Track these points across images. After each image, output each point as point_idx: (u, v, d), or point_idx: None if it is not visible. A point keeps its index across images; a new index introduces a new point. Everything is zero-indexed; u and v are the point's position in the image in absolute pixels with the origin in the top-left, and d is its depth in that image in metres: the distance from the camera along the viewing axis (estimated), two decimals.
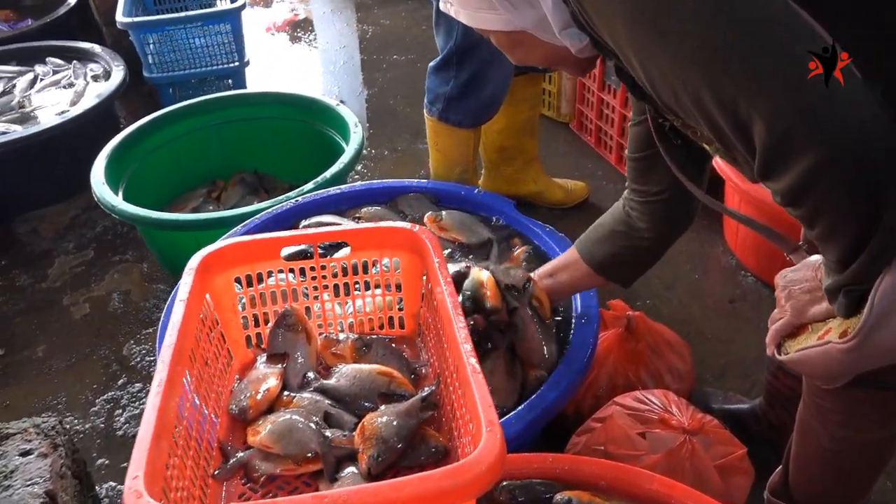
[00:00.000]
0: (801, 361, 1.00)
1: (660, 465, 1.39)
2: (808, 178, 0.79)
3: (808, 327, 1.02)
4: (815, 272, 1.04)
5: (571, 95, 2.99)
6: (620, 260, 1.44)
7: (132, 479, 0.93)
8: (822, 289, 0.98)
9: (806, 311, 1.02)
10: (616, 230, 1.41)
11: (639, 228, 1.38)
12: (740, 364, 1.96)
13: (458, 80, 2.10)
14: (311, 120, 2.59)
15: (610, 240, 1.43)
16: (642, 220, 1.36)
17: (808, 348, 0.98)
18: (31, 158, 2.74)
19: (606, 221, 1.44)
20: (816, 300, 1.01)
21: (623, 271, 1.49)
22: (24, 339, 2.31)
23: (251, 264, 1.45)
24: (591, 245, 1.46)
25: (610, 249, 1.44)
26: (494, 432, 0.98)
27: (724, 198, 2.34)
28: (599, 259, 1.45)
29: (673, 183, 1.26)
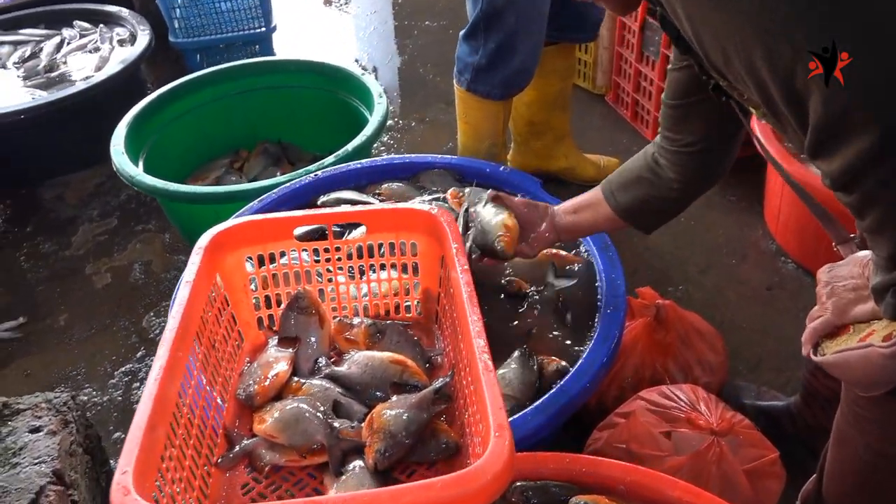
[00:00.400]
0: (839, 364, 0.94)
1: (684, 467, 1.32)
2: (863, 161, 0.74)
3: (849, 328, 0.96)
4: (863, 269, 0.97)
5: (608, 66, 2.87)
6: (645, 207, 1.37)
7: (121, 475, 0.90)
8: (868, 287, 0.91)
9: (849, 310, 0.96)
10: (643, 176, 1.33)
11: (667, 178, 1.30)
12: (776, 357, 1.86)
13: (486, 49, 2.01)
14: (337, 89, 2.51)
15: (636, 185, 1.35)
16: (672, 170, 1.29)
17: (848, 350, 0.92)
18: (57, 124, 2.73)
19: (634, 166, 1.37)
20: (861, 299, 0.95)
21: (646, 218, 1.42)
22: (46, 307, 2.30)
23: (263, 244, 1.40)
24: (617, 189, 1.39)
25: (635, 195, 1.36)
26: (503, 437, 0.92)
27: (766, 180, 2.22)
28: (624, 204, 1.38)
29: (708, 135, 1.21)
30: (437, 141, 2.85)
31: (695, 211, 2.34)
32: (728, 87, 1.00)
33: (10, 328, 2.23)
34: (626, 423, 1.42)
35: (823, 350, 0.98)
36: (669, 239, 2.26)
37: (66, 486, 1.43)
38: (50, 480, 1.40)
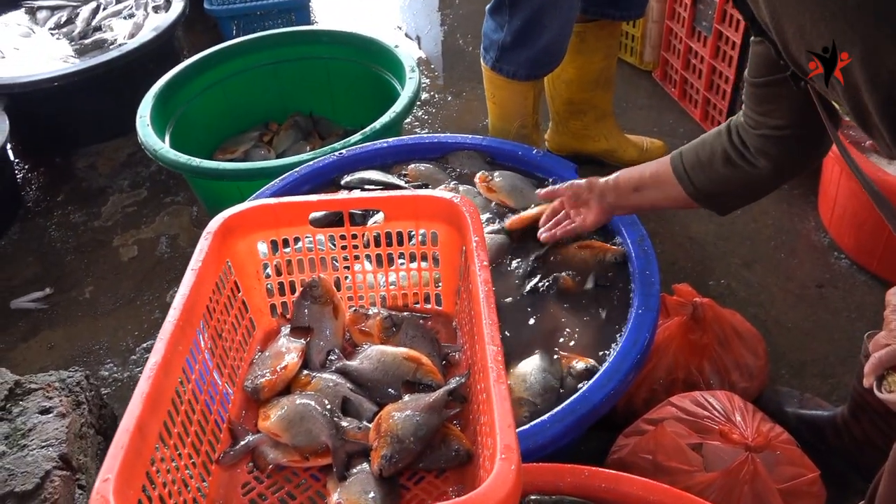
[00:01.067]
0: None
1: (714, 485, 1.23)
2: None
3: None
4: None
5: (657, 41, 2.71)
6: (726, 190, 1.28)
7: (102, 481, 0.85)
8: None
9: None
10: (727, 159, 1.23)
11: (755, 162, 1.19)
12: (822, 361, 1.74)
13: (512, 27, 1.89)
14: (369, 62, 2.43)
15: (717, 168, 1.25)
16: (761, 153, 1.19)
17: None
18: (90, 91, 2.70)
19: (714, 147, 1.25)
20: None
21: (726, 201, 1.32)
22: (73, 278, 2.29)
23: (276, 229, 1.33)
24: (693, 170, 1.29)
25: (715, 178, 1.27)
26: (509, 461, 0.84)
27: (823, 164, 2.07)
28: (703, 187, 1.29)
29: (801, 118, 1.10)
30: (473, 117, 2.74)
31: None
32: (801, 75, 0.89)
33: (36, 299, 2.23)
34: (654, 433, 1.33)
35: (890, 385, 0.89)
36: (713, 228, 2.13)
37: (74, 471, 1.41)
38: (56, 465, 1.37)
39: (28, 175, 2.77)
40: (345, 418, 1.20)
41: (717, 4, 2.23)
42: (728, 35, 2.22)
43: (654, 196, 1.39)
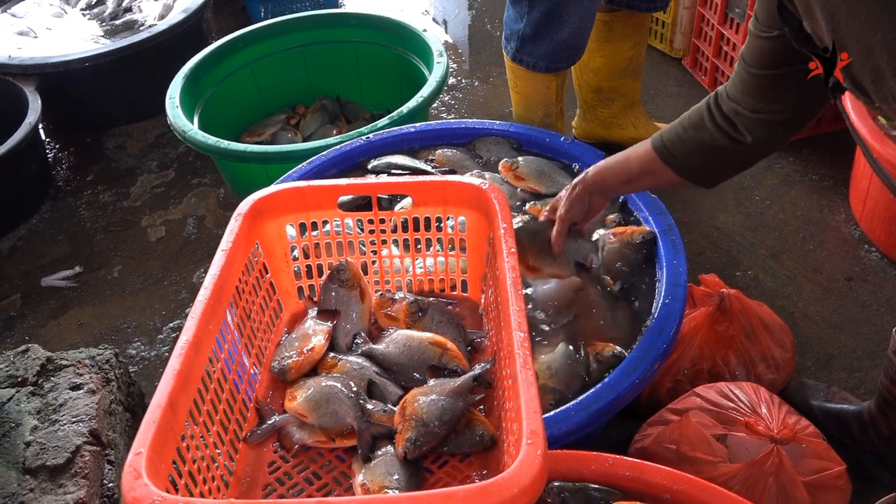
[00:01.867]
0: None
1: (738, 476, 1.22)
2: None
3: None
4: None
5: (688, 27, 2.68)
6: (717, 168, 1.32)
7: (135, 455, 0.87)
8: None
9: None
10: (717, 144, 1.24)
11: (746, 142, 1.21)
12: (850, 355, 1.72)
13: (532, 18, 1.85)
14: (397, 46, 2.42)
15: (707, 151, 1.26)
16: (753, 134, 1.19)
17: None
18: (120, 72, 2.73)
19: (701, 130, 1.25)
20: None
21: (715, 176, 1.35)
22: (101, 257, 2.33)
23: (306, 212, 1.34)
24: (681, 155, 1.30)
25: (707, 161, 1.29)
26: (535, 446, 0.85)
27: (856, 156, 2.04)
28: (695, 170, 1.31)
29: (797, 106, 1.14)
30: (500, 103, 2.73)
31: (772, 189, 2.19)
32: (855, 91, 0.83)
33: (66, 277, 2.27)
34: (679, 423, 1.33)
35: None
36: (741, 218, 2.11)
37: (103, 446, 1.44)
38: (86, 440, 1.40)
39: (59, 155, 2.80)
40: (370, 401, 1.21)
41: None
42: None
43: (646, 183, 1.44)
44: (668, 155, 1.30)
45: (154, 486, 0.83)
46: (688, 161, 1.29)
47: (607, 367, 1.29)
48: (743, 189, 2.20)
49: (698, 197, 2.16)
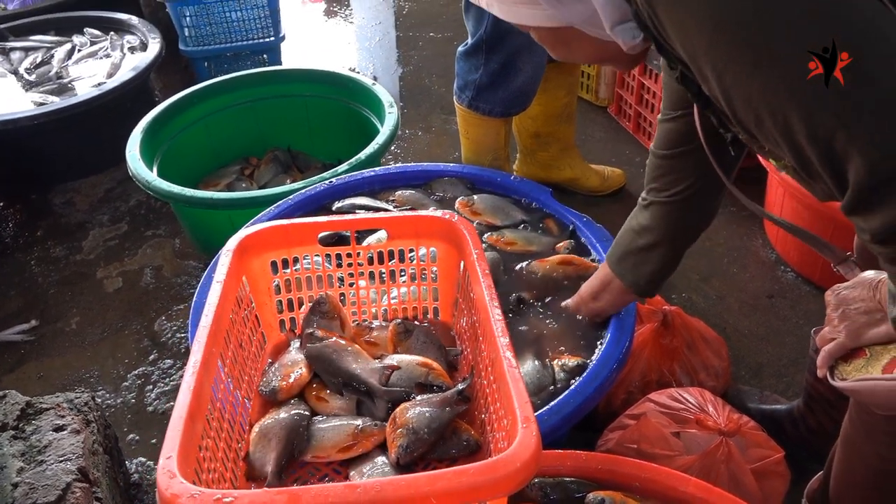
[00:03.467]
0: (863, 392, 0.97)
1: (694, 466, 1.36)
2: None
3: (864, 351, 0.99)
4: (873, 292, 0.99)
5: (611, 79, 2.93)
6: (660, 275, 1.41)
7: (165, 459, 0.93)
8: (881, 310, 0.95)
9: (862, 333, 0.98)
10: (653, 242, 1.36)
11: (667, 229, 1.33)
12: (777, 363, 1.92)
13: (488, 69, 2.04)
14: (346, 98, 2.56)
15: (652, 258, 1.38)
16: (668, 218, 1.32)
17: (873, 381, 0.94)
18: (68, 129, 2.76)
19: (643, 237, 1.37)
20: (874, 322, 0.97)
21: (658, 284, 1.44)
22: (57, 310, 2.33)
23: (288, 248, 1.44)
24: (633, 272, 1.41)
25: (652, 268, 1.39)
26: (530, 429, 0.96)
27: (767, 192, 2.28)
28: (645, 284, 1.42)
29: (701, 176, 1.24)
30: (443, 151, 2.90)
31: None
32: (748, 140, 0.98)
33: (22, 331, 2.26)
34: (637, 425, 1.47)
35: (841, 373, 1.00)
36: None
37: (91, 484, 1.47)
38: (76, 478, 1.43)
39: (3, 212, 2.79)
40: (360, 417, 1.31)
41: None
42: None
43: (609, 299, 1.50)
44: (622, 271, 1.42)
45: (190, 483, 0.90)
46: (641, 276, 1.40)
47: (572, 375, 1.42)
48: None
49: None
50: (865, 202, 0.75)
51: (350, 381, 1.34)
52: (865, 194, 0.74)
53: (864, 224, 0.77)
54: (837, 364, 1.02)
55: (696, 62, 0.80)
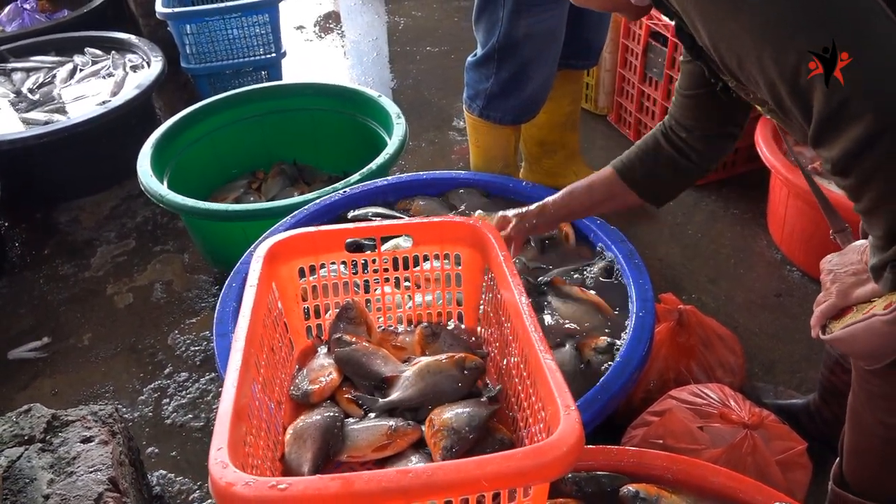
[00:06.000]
0: (845, 339, 1.04)
1: (721, 459, 1.39)
2: (860, 145, 0.85)
3: (852, 308, 1.06)
4: (861, 255, 1.07)
5: (610, 87, 2.98)
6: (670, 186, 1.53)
7: (217, 450, 0.94)
8: (867, 271, 1.01)
9: (851, 292, 1.05)
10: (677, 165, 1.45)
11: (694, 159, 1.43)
12: (788, 360, 1.95)
13: (499, 78, 2.08)
14: (353, 112, 2.59)
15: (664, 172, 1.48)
16: (694, 150, 1.42)
17: (853, 324, 1.02)
18: (73, 148, 2.77)
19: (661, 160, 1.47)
20: (861, 282, 1.04)
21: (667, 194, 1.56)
22: (69, 327, 2.33)
23: (315, 255, 1.46)
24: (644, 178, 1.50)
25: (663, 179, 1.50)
26: (572, 415, 0.97)
27: (770, 192, 2.33)
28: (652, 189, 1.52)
29: (725, 118, 1.37)
30: (448, 163, 2.93)
31: (701, 224, 2.45)
32: (737, 88, 1.14)
33: (34, 348, 2.26)
34: (662, 420, 1.49)
35: (831, 330, 1.08)
36: (678, 251, 2.36)
37: (122, 494, 1.47)
38: (107, 488, 1.43)
39: (10, 232, 2.79)
40: (392, 418, 1.32)
41: (666, 53, 2.50)
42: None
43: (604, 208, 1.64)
44: (630, 178, 1.51)
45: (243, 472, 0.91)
46: (647, 181, 1.50)
47: (605, 354, 1.48)
48: (676, 224, 2.46)
49: (640, 233, 2.40)
50: (826, 131, 0.87)
51: (381, 384, 1.35)
52: (826, 123, 0.87)
53: (827, 154, 0.89)
54: (829, 323, 1.09)
55: (686, 13, 0.98)
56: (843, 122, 0.85)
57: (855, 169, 0.87)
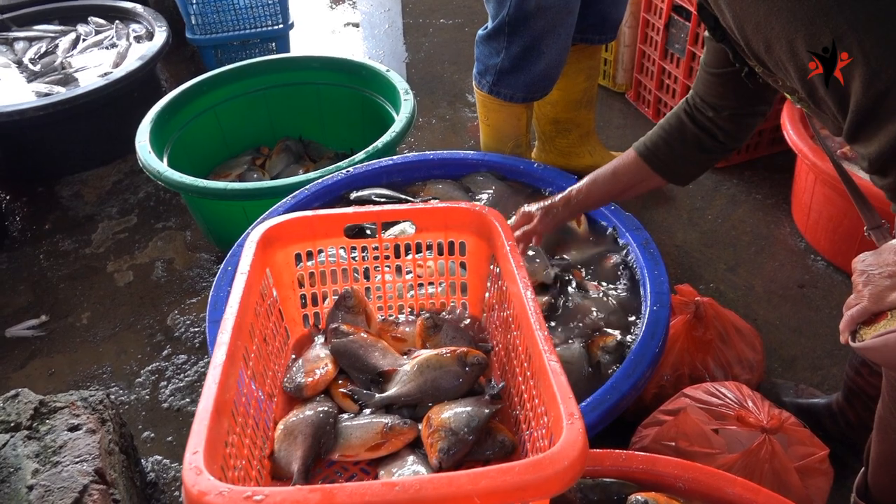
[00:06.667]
0: (877, 348, 0.96)
1: (737, 465, 1.31)
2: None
3: (886, 314, 0.97)
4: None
5: (629, 64, 2.86)
6: (695, 165, 1.47)
7: (192, 454, 0.89)
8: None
9: (885, 296, 0.97)
10: (701, 144, 1.39)
11: (721, 138, 1.37)
12: (811, 355, 1.86)
13: (510, 52, 1.98)
14: (360, 86, 2.50)
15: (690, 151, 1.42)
16: (721, 129, 1.36)
17: (887, 333, 0.94)
18: (74, 120, 2.70)
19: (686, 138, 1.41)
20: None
21: (691, 173, 1.49)
22: (67, 305, 2.28)
23: (313, 241, 1.39)
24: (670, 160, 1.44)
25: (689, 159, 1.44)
26: (576, 425, 0.91)
27: (795, 180, 2.22)
28: (678, 170, 1.46)
29: (752, 97, 1.29)
30: (459, 139, 2.84)
31: (722, 208, 2.35)
32: (763, 73, 1.05)
33: (32, 326, 2.21)
34: (675, 421, 1.41)
35: (861, 336, 0.99)
36: (697, 236, 2.26)
37: (108, 485, 1.42)
38: (93, 479, 1.38)
39: (11, 205, 2.74)
40: (388, 415, 1.25)
41: (689, 28, 2.38)
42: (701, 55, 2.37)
43: (630, 194, 1.56)
44: (657, 163, 1.43)
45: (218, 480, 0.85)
46: (676, 165, 1.43)
47: (616, 353, 1.40)
48: (696, 209, 2.35)
49: (657, 217, 2.30)
50: (864, 125, 0.81)
51: (377, 378, 1.28)
52: (863, 116, 0.80)
53: (864, 150, 0.83)
54: (860, 328, 1.00)
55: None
56: (882, 116, 0.78)
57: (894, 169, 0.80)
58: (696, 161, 1.44)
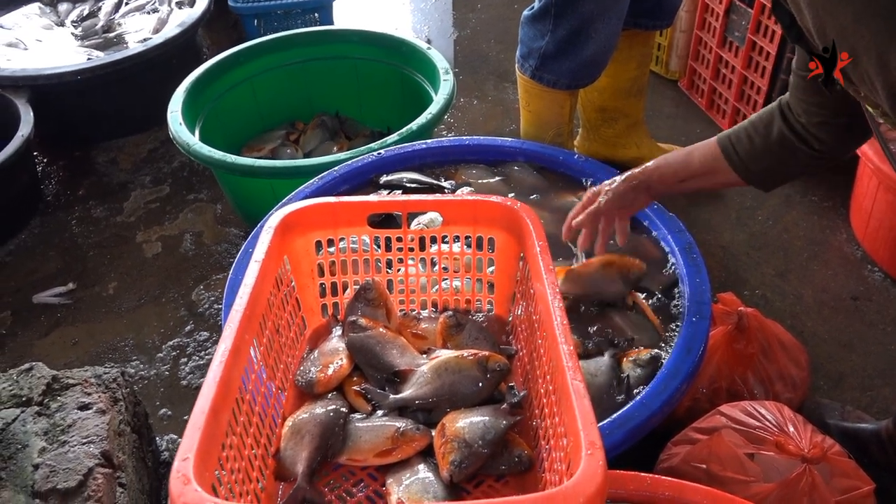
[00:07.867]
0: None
1: (772, 496, 1.21)
2: None
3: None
4: None
5: (684, 50, 2.72)
6: (779, 170, 1.35)
7: (181, 461, 0.84)
8: None
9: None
10: (785, 149, 1.28)
11: (812, 144, 1.24)
12: (860, 374, 1.74)
13: (556, 35, 1.86)
14: (399, 63, 2.41)
15: (775, 156, 1.30)
16: (817, 137, 1.23)
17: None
18: (112, 86, 2.68)
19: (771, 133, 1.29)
20: None
21: (776, 180, 1.39)
22: (95, 274, 2.27)
23: (335, 228, 1.32)
24: (749, 159, 1.33)
25: (772, 165, 1.32)
26: (596, 457, 0.82)
27: (856, 183, 2.08)
28: (759, 174, 1.35)
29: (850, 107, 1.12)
30: (499, 122, 2.74)
31: (774, 209, 2.22)
32: (846, 85, 0.91)
33: (59, 293, 2.20)
34: (708, 442, 1.32)
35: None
36: (745, 238, 2.13)
37: (115, 468, 1.39)
38: (98, 462, 1.35)
39: (47, 169, 2.74)
40: (402, 419, 1.18)
41: (751, 15, 2.23)
42: (762, 45, 2.23)
43: (700, 184, 1.44)
44: (734, 156, 1.32)
45: (206, 492, 0.80)
46: (753, 163, 1.32)
47: (648, 368, 1.31)
48: (745, 209, 2.22)
49: (704, 215, 2.18)
50: None
51: (393, 378, 1.21)
52: None
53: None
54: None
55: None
56: None
57: None
58: (780, 159, 1.31)
